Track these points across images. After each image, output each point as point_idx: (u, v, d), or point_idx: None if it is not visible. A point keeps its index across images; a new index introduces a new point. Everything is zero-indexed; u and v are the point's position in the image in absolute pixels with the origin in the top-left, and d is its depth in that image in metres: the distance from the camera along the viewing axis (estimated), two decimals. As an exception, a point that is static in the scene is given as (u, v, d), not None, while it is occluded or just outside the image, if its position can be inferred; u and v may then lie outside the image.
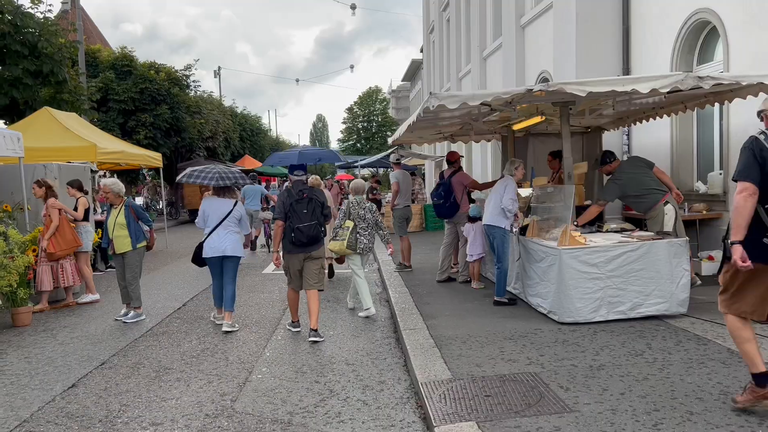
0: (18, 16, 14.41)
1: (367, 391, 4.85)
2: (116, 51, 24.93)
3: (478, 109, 7.30)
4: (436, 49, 25.95)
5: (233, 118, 34.86)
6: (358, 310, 7.55)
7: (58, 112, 13.12)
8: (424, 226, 17.29)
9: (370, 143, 62.55)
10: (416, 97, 50.77)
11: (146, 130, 23.04)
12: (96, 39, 33.25)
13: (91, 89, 19.17)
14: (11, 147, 8.74)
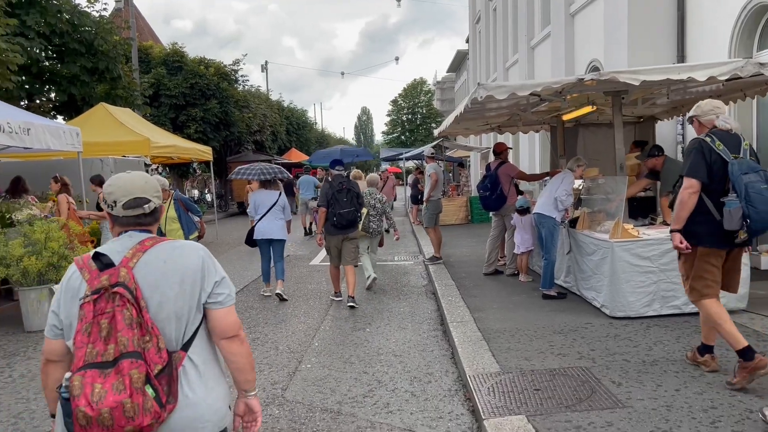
0: (75, 15, 14.90)
1: (415, 382, 4.87)
2: (167, 47, 25.51)
3: (526, 100, 7.20)
4: (482, 40, 25.66)
5: (280, 111, 35.30)
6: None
7: (114, 108, 13.54)
8: (469, 218, 17.18)
9: (415, 135, 62.40)
10: (461, 88, 50.37)
11: (196, 124, 23.54)
12: (148, 36, 34.13)
13: (144, 85, 19.73)
14: (70, 142, 9.07)
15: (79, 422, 1.73)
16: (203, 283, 2.00)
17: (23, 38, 13.26)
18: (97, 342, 1.80)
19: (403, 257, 11.81)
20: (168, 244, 2.03)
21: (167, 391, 1.84)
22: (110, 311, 1.82)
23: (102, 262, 1.92)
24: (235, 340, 2.05)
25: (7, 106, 8.79)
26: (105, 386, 1.74)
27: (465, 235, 13.94)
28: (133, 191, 2.03)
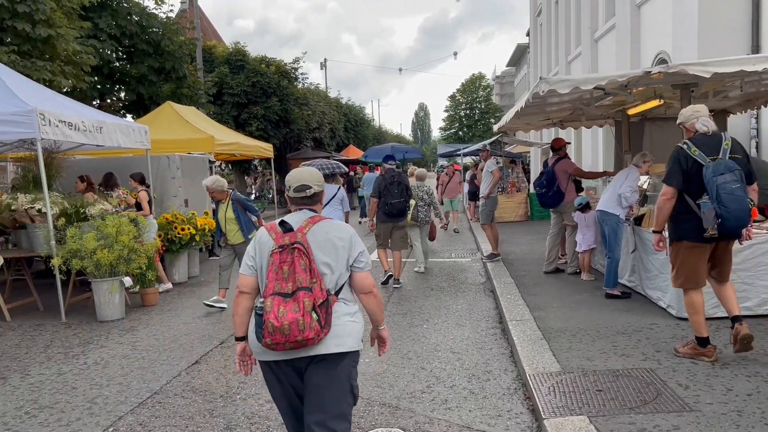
0: (144, 17, 15.47)
1: (473, 380, 4.84)
2: (230, 47, 26.17)
3: (590, 94, 7.03)
4: (543, 33, 25.17)
5: (338, 108, 35.66)
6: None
7: (179, 106, 13.98)
8: (529, 215, 16.91)
9: (473, 131, 61.79)
10: (521, 83, 49.55)
11: (258, 122, 24.05)
12: (211, 36, 35.10)
13: (208, 84, 20.28)
14: (139, 139, 9.44)
15: (268, 330, 2.60)
16: (350, 251, 2.84)
17: (96, 40, 13.88)
18: (282, 279, 2.67)
19: (461, 254, 11.74)
20: (329, 222, 2.89)
21: (325, 319, 2.66)
22: (290, 260, 2.69)
23: (285, 227, 2.80)
24: (370, 295, 2.92)
25: (82, 106, 9.22)
26: (286, 308, 2.60)
27: (524, 233, 13.73)
28: (300, 180, 2.93)
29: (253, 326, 2.75)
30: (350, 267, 2.84)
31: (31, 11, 10.43)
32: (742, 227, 4.33)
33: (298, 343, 2.61)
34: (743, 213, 4.20)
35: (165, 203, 10.43)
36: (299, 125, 26.51)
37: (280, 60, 26.39)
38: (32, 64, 10.51)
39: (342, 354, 2.75)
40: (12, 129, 6.93)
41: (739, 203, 4.15)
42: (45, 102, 7.67)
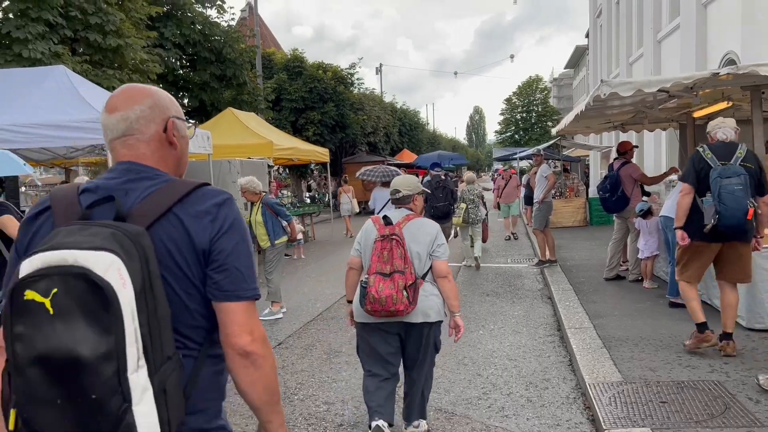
0: (207, 25, 15.95)
1: (531, 387, 4.77)
2: (288, 53, 26.66)
3: (653, 96, 6.82)
4: (603, 34, 24.59)
5: (393, 113, 35.77)
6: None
7: (240, 112, 14.34)
8: (588, 220, 16.53)
9: (529, 134, 60.85)
10: (580, 85, 48.53)
11: (314, 127, 24.40)
12: (270, 43, 35.86)
13: (267, 90, 20.73)
14: (202, 145, 9.73)
15: (369, 299, 3.46)
16: (433, 244, 3.63)
17: (161, 49, 14.39)
18: (383, 262, 3.52)
19: (517, 259, 11.58)
20: (420, 219, 3.74)
21: (413, 296, 3.48)
22: (389, 247, 3.53)
23: (386, 221, 3.66)
24: (445, 280, 3.64)
25: (149, 113, 9.56)
26: (384, 285, 3.44)
27: (583, 238, 13.44)
28: (395, 185, 3.86)
29: (357, 294, 3.64)
30: (430, 255, 3.63)
31: (102, 22, 10.92)
32: (739, 225, 4.58)
33: (391, 313, 3.47)
34: (740, 212, 4.52)
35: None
36: (354, 130, 26.75)
37: (336, 66, 26.72)
38: (102, 72, 11.00)
39: (428, 323, 3.64)
40: (84, 135, 7.27)
41: (737, 202, 4.51)
42: (115, 109, 8.00)
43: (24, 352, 1.22)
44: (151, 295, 1.30)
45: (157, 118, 1.54)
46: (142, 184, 1.46)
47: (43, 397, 1.22)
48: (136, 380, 1.23)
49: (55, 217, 1.42)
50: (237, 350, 1.44)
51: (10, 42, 10.10)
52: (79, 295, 1.21)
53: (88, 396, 1.20)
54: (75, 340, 1.19)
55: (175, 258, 1.40)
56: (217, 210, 1.45)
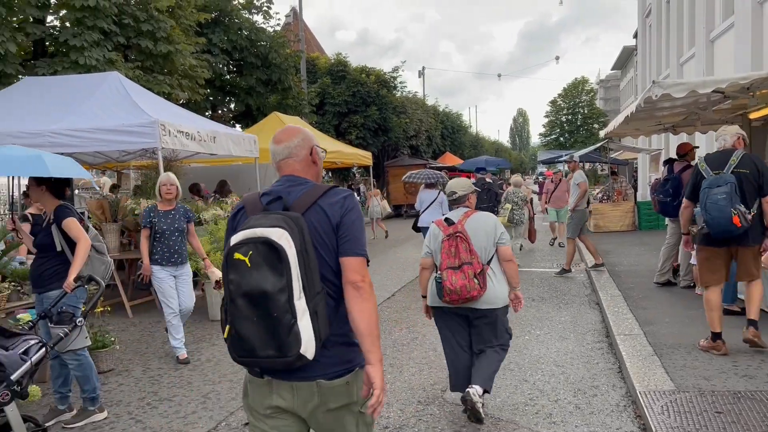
0: (253, 31, 16.23)
1: (579, 394, 4.68)
2: (332, 58, 26.88)
3: (707, 97, 6.64)
4: (653, 34, 24.00)
5: (435, 116, 35.68)
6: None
7: (285, 116, 14.54)
8: (636, 225, 16.13)
9: (574, 137, 59.82)
10: (627, 87, 47.51)
11: (357, 130, 24.54)
12: (314, 48, 36.23)
13: (311, 94, 20.96)
14: (248, 148, 9.91)
15: (446, 291, 4.01)
16: (495, 234, 4.21)
17: (209, 55, 14.71)
18: (451, 258, 4.07)
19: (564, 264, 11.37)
20: (478, 213, 4.29)
21: (482, 282, 4.01)
22: (455, 244, 4.07)
23: (448, 222, 4.21)
24: (510, 262, 4.21)
25: (197, 117, 9.81)
26: (456, 277, 3.99)
27: (631, 243, 13.12)
28: (450, 187, 4.45)
29: (433, 288, 4.20)
30: (496, 243, 4.21)
31: (153, 29, 11.23)
32: (727, 232, 4.84)
33: (466, 299, 4.03)
34: (724, 220, 4.77)
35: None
36: (397, 133, 26.79)
37: (379, 69, 26.81)
38: (153, 78, 11.32)
39: (499, 308, 4.18)
40: (136, 139, 7.49)
41: (720, 211, 4.78)
42: (165, 113, 8.23)
43: (234, 290, 2.04)
44: (306, 254, 2.06)
45: (306, 146, 2.34)
46: (297, 188, 2.26)
47: (246, 316, 2.03)
48: (299, 305, 2.01)
49: (247, 211, 2.24)
50: (351, 284, 2.14)
51: (67, 50, 10.49)
52: (265, 254, 2.01)
53: (272, 314, 2.00)
54: (263, 281, 1.99)
55: (319, 231, 2.16)
56: (343, 200, 2.23)
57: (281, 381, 2.16)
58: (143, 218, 5.91)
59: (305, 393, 2.15)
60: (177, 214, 5.89)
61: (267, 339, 2.03)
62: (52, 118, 7.63)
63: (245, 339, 2.06)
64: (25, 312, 5.25)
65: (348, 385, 2.20)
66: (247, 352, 2.08)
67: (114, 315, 7.43)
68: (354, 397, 2.21)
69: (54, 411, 4.47)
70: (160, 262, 5.80)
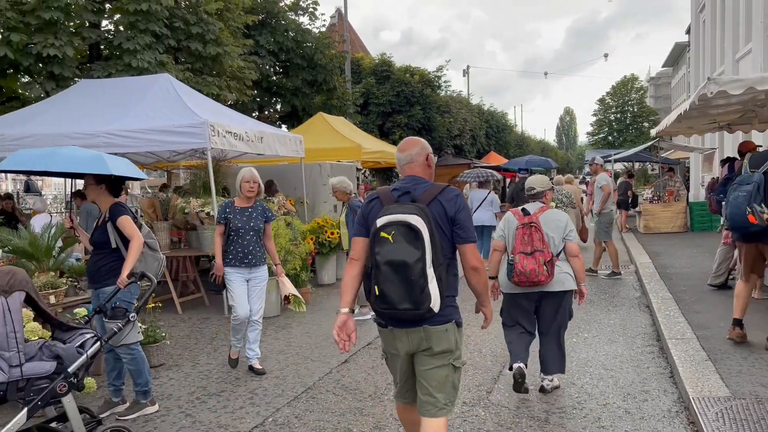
0: (299, 32, 16.41)
1: (629, 399, 4.57)
2: (376, 58, 26.95)
3: (765, 94, 6.37)
4: (707, 29, 23.25)
5: (480, 115, 35.38)
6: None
7: (330, 117, 14.64)
8: (688, 226, 15.66)
9: (623, 136, 58.35)
10: (679, 84, 46.16)
11: (401, 130, 24.51)
12: (358, 48, 36.38)
13: (355, 94, 21.06)
14: (294, 148, 10.03)
15: (516, 273, 4.38)
16: (565, 229, 4.57)
17: (256, 56, 14.94)
18: (525, 244, 4.42)
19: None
20: (552, 210, 4.68)
21: (551, 270, 4.38)
22: (529, 233, 4.45)
23: (524, 212, 4.58)
24: (576, 258, 4.55)
25: (245, 117, 9.98)
26: (527, 261, 4.36)
27: (683, 245, 12.74)
28: (529, 183, 4.85)
29: (504, 269, 4.57)
30: (564, 239, 4.55)
31: (203, 32, 11.48)
32: (743, 228, 5.06)
33: (534, 283, 4.39)
34: (738, 216, 4.99)
35: (316, 208, 10.96)
36: (441, 133, 26.65)
37: (423, 69, 26.73)
38: (202, 80, 11.57)
39: (564, 291, 4.57)
40: (186, 139, 7.66)
41: (737, 208, 5.00)
42: (214, 114, 8.40)
43: (380, 260, 2.74)
44: (433, 235, 2.76)
45: (423, 154, 3.08)
46: (420, 185, 2.97)
47: (390, 279, 2.73)
48: (429, 272, 2.73)
49: (381, 201, 2.95)
50: (470, 267, 2.94)
51: (120, 53, 10.81)
52: (405, 233, 2.73)
53: (410, 279, 2.70)
54: (404, 254, 2.71)
55: (439, 221, 2.86)
56: (456, 198, 2.92)
57: (400, 329, 2.89)
58: (218, 214, 5.51)
59: (414, 336, 2.88)
60: (255, 212, 5.46)
61: (405, 296, 2.72)
62: (106, 119, 7.88)
63: (388, 296, 2.75)
64: (82, 307, 5.44)
65: (447, 332, 2.89)
66: (388, 305, 2.77)
67: (164, 311, 7.62)
68: (452, 345, 2.91)
69: (108, 403, 4.61)
70: (233, 262, 5.36)
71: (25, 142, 7.46)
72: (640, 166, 24.55)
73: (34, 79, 10.83)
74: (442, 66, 27.79)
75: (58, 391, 3.31)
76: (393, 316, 2.84)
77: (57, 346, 3.43)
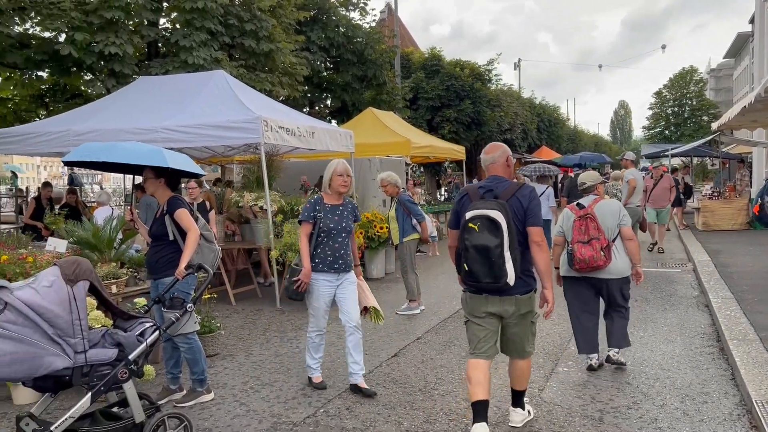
0: (350, 28, 16.50)
1: (687, 400, 4.44)
2: (426, 52, 26.81)
3: (838, 85, 6.07)
4: (771, 18, 22.21)
5: (531, 109, 34.81)
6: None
7: (379, 111, 14.68)
8: (750, 223, 15.03)
9: (681, 129, 56.42)
10: (741, 76, 44.35)
11: (450, 124, 24.33)
12: (408, 43, 36.29)
13: (404, 89, 21.02)
14: (345, 143, 10.09)
15: (576, 261, 4.88)
16: (619, 215, 5.03)
17: (308, 52, 15.09)
18: (582, 234, 4.92)
19: (669, 263, 10.82)
20: (605, 200, 5.13)
21: (607, 255, 4.85)
22: (585, 224, 4.93)
23: (580, 206, 5.09)
24: (631, 241, 5.03)
25: (296, 113, 10.10)
26: (585, 249, 4.85)
27: (745, 243, 12.25)
28: (581, 179, 5.37)
29: (565, 259, 5.06)
30: (619, 224, 5.01)
31: (256, 29, 11.67)
32: None
33: (593, 268, 4.86)
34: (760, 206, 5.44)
35: (366, 203, 11.02)
36: (491, 127, 26.33)
37: (474, 62, 26.44)
38: (255, 76, 11.77)
39: (621, 278, 5.02)
40: (240, 135, 7.82)
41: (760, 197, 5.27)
42: (267, 110, 8.53)
43: (468, 245, 3.57)
44: (510, 226, 3.52)
45: (504, 156, 3.83)
46: (501, 184, 3.73)
47: (476, 260, 3.55)
48: (507, 255, 3.52)
49: (470, 197, 3.72)
50: (535, 243, 3.63)
51: (177, 50, 11.10)
52: (487, 225, 3.52)
53: (491, 259, 3.51)
54: (486, 240, 3.50)
55: (517, 213, 3.62)
56: (530, 193, 3.68)
57: (494, 296, 3.71)
58: (304, 211, 4.83)
59: (508, 303, 3.71)
60: (345, 210, 4.85)
61: (487, 272, 3.55)
62: (164, 115, 8.11)
63: (474, 272, 3.60)
64: (141, 297, 5.62)
65: (530, 298, 3.77)
66: (474, 280, 3.63)
67: (218, 302, 7.81)
68: (533, 308, 3.81)
69: (166, 390, 4.76)
70: (321, 267, 4.73)
71: (88, 137, 7.75)
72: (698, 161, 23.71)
73: (96, 76, 11.22)
74: (492, 59, 27.41)
75: (120, 377, 3.43)
76: (479, 288, 3.69)
77: (118, 334, 3.57)
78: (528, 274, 3.73)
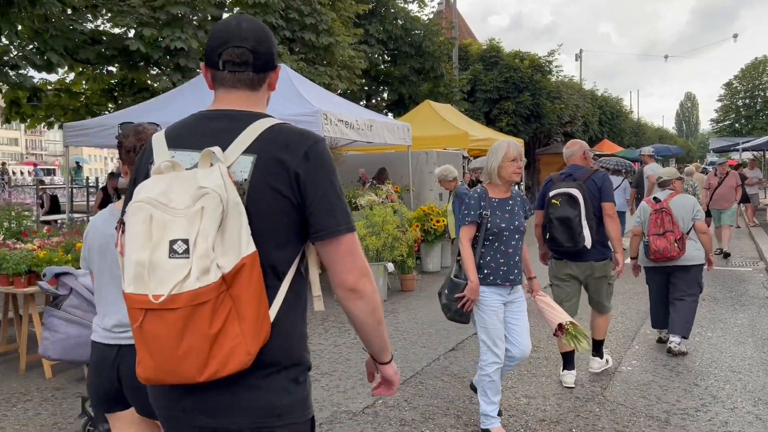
0: (408, 20, 16.46)
1: (760, 404, 4.26)
2: (484, 44, 26.46)
3: None
4: None
5: (593, 101, 33.88)
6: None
7: (436, 104, 14.60)
8: (829, 221, 14.23)
9: (752, 122, 53.86)
10: (820, 65, 41.81)
11: (508, 117, 23.92)
12: (465, 34, 35.91)
13: (462, 81, 20.83)
14: (402, 136, 10.09)
15: (651, 251, 5.33)
16: (693, 210, 5.43)
17: (366, 45, 15.15)
18: (657, 227, 5.33)
19: (739, 262, 10.38)
20: (681, 195, 5.53)
21: (681, 246, 5.24)
22: (661, 217, 5.33)
23: (656, 200, 5.52)
24: (705, 234, 5.41)
25: (355, 106, 10.16)
26: (660, 241, 5.28)
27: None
28: (659, 174, 5.91)
29: (642, 249, 5.54)
30: (693, 218, 5.41)
31: (316, 22, 11.80)
32: None
33: (668, 258, 5.27)
34: None
35: (422, 196, 11.00)
36: (550, 119, 25.74)
37: (533, 54, 25.91)
38: (315, 69, 11.89)
39: (693, 265, 5.39)
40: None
41: None
42: (326, 103, 8.61)
43: (552, 217, 4.39)
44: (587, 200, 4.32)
45: (581, 150, 4.67)
46: (579, 170, 4.54)
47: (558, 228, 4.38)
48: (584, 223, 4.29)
49: (554, 182, 4.53)
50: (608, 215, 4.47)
51: (240, 45, 11.30)
52: (568, 200, 4.34)
53: (571, 227, 4.32)
54: (567, 212, 4.31)
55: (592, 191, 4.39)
56: (603, 176, 4.50)
57: (573, 262, 4.51)
58: (468, 209, 3.81)
59: (584, 267, 4.50)
60: (515, 205, 3.83)
61: (568, 238, 4.29)
62: (227, 108, 8.28)
63: (557, 239, 4.35)
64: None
65: (605, 265, 4.53)
66: (557, 245, 4.40)
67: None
68: (608, 272, 4.57)
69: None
70: (492, 280, 3.73)
71: (156, 130, 8.01)
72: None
73: (162, 71, 11.58)
74: (553, 50, 26.77)
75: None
76: (560, 252, 4.51)
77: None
78: (603, 245, 4.45)
